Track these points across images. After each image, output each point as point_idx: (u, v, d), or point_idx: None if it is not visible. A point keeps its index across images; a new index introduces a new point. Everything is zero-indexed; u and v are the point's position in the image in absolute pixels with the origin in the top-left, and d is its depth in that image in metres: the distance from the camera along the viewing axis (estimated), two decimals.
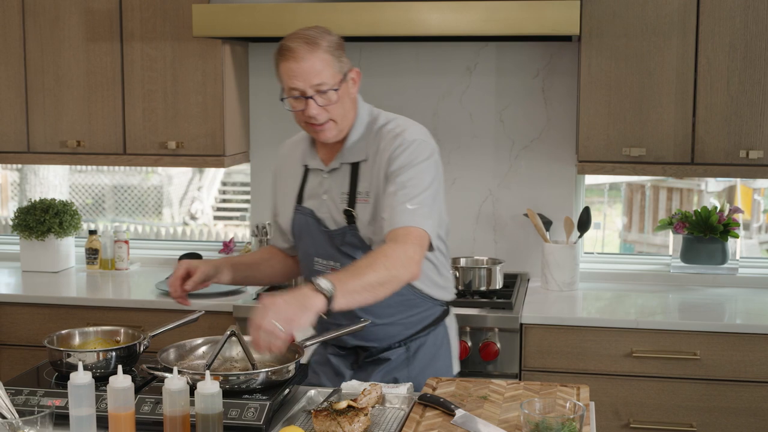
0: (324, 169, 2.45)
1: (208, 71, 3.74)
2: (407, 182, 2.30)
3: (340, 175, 2.42)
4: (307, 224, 2.46)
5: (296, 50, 2.27)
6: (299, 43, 2.28)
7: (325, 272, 2.39)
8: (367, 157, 2.39)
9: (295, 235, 2.53)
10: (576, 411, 1.92)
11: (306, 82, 2.28)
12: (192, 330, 2.99)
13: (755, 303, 3.56)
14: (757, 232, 6.51)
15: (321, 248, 2.44)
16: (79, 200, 7.51)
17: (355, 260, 2.27)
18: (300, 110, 2.33)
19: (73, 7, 3.81)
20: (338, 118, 2.34)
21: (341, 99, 2.33)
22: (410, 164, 2.32)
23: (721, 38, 3.40)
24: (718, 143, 3.45)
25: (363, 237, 2.37)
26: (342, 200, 2.40)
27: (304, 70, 2.27)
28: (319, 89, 2.28)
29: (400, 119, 2.44)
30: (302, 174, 2.52)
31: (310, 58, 2.27)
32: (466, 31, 3.29)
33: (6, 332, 3.68)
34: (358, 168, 2.39)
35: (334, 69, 2.30)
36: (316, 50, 2.27)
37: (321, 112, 2.31)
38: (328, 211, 2.43)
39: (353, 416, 1.92)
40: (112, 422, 1.89)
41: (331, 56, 2.30)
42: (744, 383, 3.24)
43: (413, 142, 2.35)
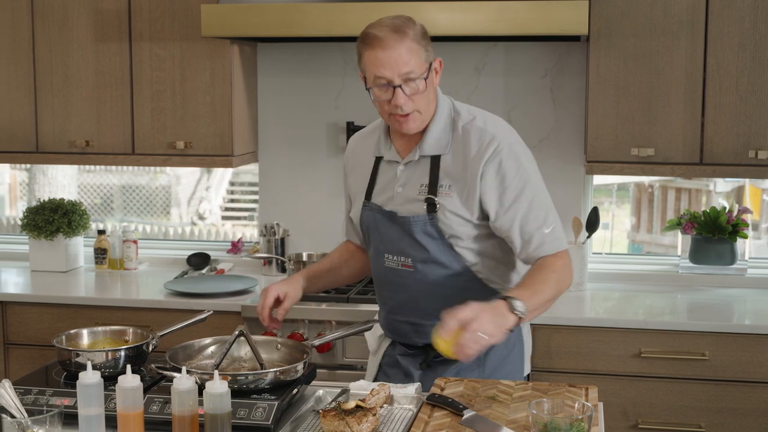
0: (400, 161, 2.38)
1: (217, 71, 3.75)
2: (533, 203, 2.30)
3: (417, 167, 2.36)
4: (375, 220, 2.41)
5: (384, 39, 2.22)
6: (387, 31, 2.22)
7: (396, 269, 2.37)
8: (449, 152, 2.33)
9: (363, 231, 2.49)
10: (584, 411, 1.91)
11: (394, 71, 2.21)
12: (200, 330, 2.99)
13: (764, 303, 3.55)
14: (766, 233, 6.48)
15: (391, 244, 2.38)
16: (88, 200, 7.52)
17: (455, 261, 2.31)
18: (386, 100, 2.26)
19: (81, 8, 3.82)
20: (423, 109, 2.29)
21: (427, 89, 2.28)
22: (527, 180, 2.31)
23: (730, 38, 3.39)
24: (727, 143, 3.44)
25: (441, 228, 2.30)
26: (421, 192, 2.33)
27: (392, 59, 2.21)
28: (408, 78, 2.22)
29: (482, 114, 2.39)
30: (372, 166, 2.45)
31: (398, 47, 2.21)
32: (475, 31, 3.29)
33: (15, 332, 3.69)
34: (438, 161, 2.33)
35: (421, 58, 2.24)
36: (404, 39, 2.22)
37: (408, 102, 2.25)
38: (402, 203, 2.36)
39: (361, 416, 1.92)
40: (121, 422, 1.89)
41: (418, 45, 2.24)
42: (753, 384, 3.23)
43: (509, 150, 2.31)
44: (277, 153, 4.09)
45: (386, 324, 2.50)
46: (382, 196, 2.41)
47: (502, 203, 2.29)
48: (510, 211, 2.29)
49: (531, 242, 2.30)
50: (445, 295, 2.31)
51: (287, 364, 2.23)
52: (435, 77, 2.32)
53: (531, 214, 2.30)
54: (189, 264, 4.12)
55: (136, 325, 2.54)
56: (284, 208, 4.12)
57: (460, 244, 2.32)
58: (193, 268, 4.09)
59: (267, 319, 2.44)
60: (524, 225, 2.30)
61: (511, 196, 2.29)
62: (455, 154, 2.33)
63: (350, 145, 2.61)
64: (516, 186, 2.30)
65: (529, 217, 2.30)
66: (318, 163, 4.06)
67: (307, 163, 4.08)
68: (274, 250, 3.98)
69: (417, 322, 2.37)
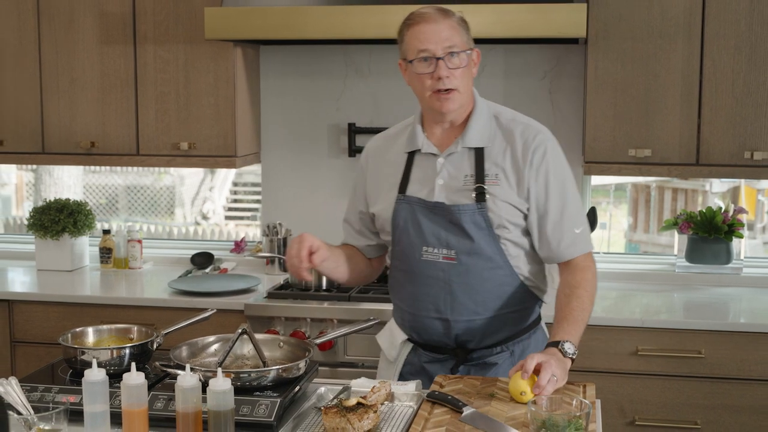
0: (439, 154, 2.36)
1: (220, 73, 3.75)
2: (570, 201, 2.33)
3: (460, 159, 2.34)
4: (414, 213, 2.36)
5: (429, 15, 2.27)
6: (432, 9, 2.29)
7: (436, 262, 2.33)
8: (494, 144, 2.34)
9: (396, 226, 2.40)
10: (582, 408, 1.91)
11: (438, 44, 2.25)
12: (204, 328, 2.99)
13: (759, 302, 3.55)
14: (761, 233, 6.48)
15: (432, 236, 2.33)
16: (93, 200, 7.52)
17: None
18: (428, 73, 2.27)
19: (87, 11, 3.82)
20: (462, 89, 2.30)
21: (467, 68, 2.30)
22: (567, 178, 2.35)
23: (726, 41, 3.39)
24: (723, 144, 3.44)
25: (490, 218, 2.28)
26: (466, 183, 2.31)
27: (436, 32, 2.26)
28: (450, 50, 2.25)
29: (521, 114, 2.42)
30: (405, 162, 2.42)
31: (442, 22, 2.27)
32: (475, 34, 3.26)
33: (21, 330, 3.69)
34: (482, 152, 2.33)
35: (463, 38, 2.29)
36: (447, 17, 2.29)
37: (450, 77, 2.26)
38: (445, 195, 2.32)
39: (362, 413, 1.92)
40: (126, 418, 1.89)
41: (460, 27, 2.30)
42: (748, 381, 3.23)
43: (553, 146, 2.34)
44: (280, 154, 4.09)
45: (412, 324, 2.43)
46: (419, 189, 2.37)
47: (547, 195, 2.31)
48: (549, 205, 2.31)
49: (562, 240, 2.33)
50: (484, 289, 2.32)
51: (289, 361, 2.23)
52: (473, 67, 2.35)
53: (566, 212, 2.32)
54: (193, 263, 4.12)
55: (140, 324, 2.54)
56: (286, 208, 4.12)
57: (506, 235, 2.31)
58: (197, 267, 4.09)
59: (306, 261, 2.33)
60: (558, 221, 2.32)
61: (553, 190, 2.31)
62: (500, 147, 2.34)
63: (371, 147, 2.56)
64: (558, 181, 2.33)
65: (564, 214, 2.32)
66: (320, 164, 4.06)
67: (309, 164, 4.07)
68: (276, 249, 3.98)
69: (452, 318, 2.33)
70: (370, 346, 3.36)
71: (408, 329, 2.46)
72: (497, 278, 2.33)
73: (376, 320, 2.62)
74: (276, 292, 3.56)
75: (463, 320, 2.34)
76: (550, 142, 2.34)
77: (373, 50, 3.94)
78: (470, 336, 2.36)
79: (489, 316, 2.34)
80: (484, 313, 2.34)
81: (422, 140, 2.39)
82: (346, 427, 1.90)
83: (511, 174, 2.31)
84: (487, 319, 2.35)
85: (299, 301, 3.47)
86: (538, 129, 2.36)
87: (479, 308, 2.33)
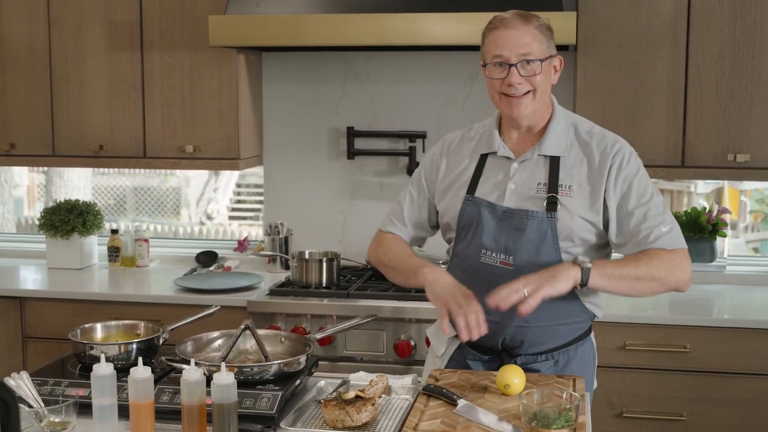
0: (514, 159, 2.28)
1: (224, 79, 3.74)
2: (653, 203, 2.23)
3: (534, 166, 2.26)
4: (480, 214, 2.27)
5: (509, 20, 2.19)
6: (514, 15, 2.20)
7: (492, 265, 2.23)
8: (570, 155, 2.25)
9: (460, 226, 2.31)
10: (572, 401, 1.91)
11: (512, 51, 2.17)
12: (208, 324, 2.99)
13: (742, 299, 3.55)
14: (743, 232, 6.48)
15: (493, 240, 2.25)
16: (102, 201, 7.52)
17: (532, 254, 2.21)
18: (499, 79, 2.20)
19: (96, 19, 3.82)
20: (537, 93, 2.21)
21: (544, 74, 2.20)
22: (648, 183, 2.26)
23: (711, 48, 3.39)
24: (708, 147, 3.44)
25: (558, 228, 2.20)
26: (539, 190, 2.23)
27: (513, 38, 2.17)
28: (525, 58, 2.17)
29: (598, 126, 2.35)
30: (477, 163, 2.33)
31: (521, 28, 2.18)
32: (468, 41, 3.29)
33: (33, 326, 3.69)
34: (558, 161, 2.25)
35: (542, 46, 2.19)
36: (528, 23, 2.19)
37: (522, 82, 2.18)
38: (517, 200, 2.25)
39: (361, 406, 1.92)
40: (133, 411, 1.89)
41: (540, 33, 2.20)
42: (731, 375, 3.23)
43: (632, 153, 2.27)
44: (281, 156, 4.09)
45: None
46: (489, 191, 2.29)
47: (629, 198, 2.22)
48: (630, 207, 2.22)
49: (649, 237, 2.21)
50: None
51: (290, 356, 2.23)
52: (554, 74, 2.27)
53: (650, 212, 2.22)
54: (198, 261, 4.12)
55: (147, 320, 2.53)
56: (288, 208, 4.12)
57: (570, 248, 2.22)
58: (202, 265, 4.09)
59: (483, 325, 2.13)
60: (642, 222, 2.22)
61: (634, 193, 2.23)
62: (576, 158, 2.26)
63: (449, 143, 2.45)
64: (640, 184, 2.24)
65: (649, 215, 2.22)
66: (320, 166, 4.06)
67: (310, 166, 4.07)
68: (278, 248, 3.98)
69: (502, 322, 2.23)
70: (368, 341, 3.37)
71: None
72: None
73: (374, 316, 2.62)
74: (278, 289, 3.56)
75: (514, 326, 2.25)
76: (628, 150, 2.27)
77: (371, 57, 3.94)
78: (518, 342, 2.28)
79: (540, 325, 2.25)
80: (534, 322, 2.24)
81: (498, 143, 2.31)
82: (345, 419, 1.90)
83: (586, 186, 2.23)
84: (537, 328, 2.26)
85: (300, 298, 3.47)
86: (616, 139, 2.29)
87: (530, 317, 2.19)
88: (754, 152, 3.42)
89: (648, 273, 2.18)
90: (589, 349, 2.39)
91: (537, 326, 2.26)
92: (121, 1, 3.79)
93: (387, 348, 3.35)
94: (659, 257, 2.19)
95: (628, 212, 2.23)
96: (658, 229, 2.21)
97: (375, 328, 3.34)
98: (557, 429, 1.82)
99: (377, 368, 3.29)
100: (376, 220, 3.98)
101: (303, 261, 3.61)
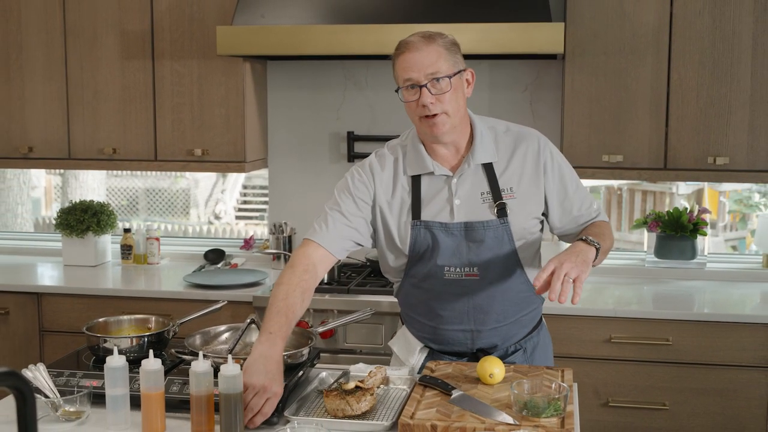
0: (451, 174, 2.22)
1: (231, 86, 3.74)
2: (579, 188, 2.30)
3: (471, 177, 2.22)
4: (433, 236, 2.19)
5: (413, 42, 2.15)
6: (416, 37, 2.16)
7: (459, 279, 2.20)
8: (499, 157, 2.23)
9: (415, 251, 2.22)
10: (561, 391, 1.91)
11: (420, 72, 2.11)
12: (216, 318, 2.99)
13: (721, 294, 3.55)
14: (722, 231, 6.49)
15: (454, 256, 2.19)
16: (115, 202, 7.52)
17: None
18: (413, 100, 2.14)
19: (109, 29, 3.81)
20: (451, 112, 2.15)
21: (455, 91, 2.15)
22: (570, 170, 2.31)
23: (691, 56, 3.39)
24: (689, 151, 3.44)
25: (512, 231, 2.19)
26: (483, 200, 2.20)
27: (418, 60, 2.12)
28: (433, 77, 2.11)
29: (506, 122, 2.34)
30: (410, 185, 2.24)
31: (425, 49, 2.12)
32: (463, 51, 3.27)
33: (49, 320, 3.68)
34: (492, 167, 2.22)
35: (448, 62, 2.14)
36: (431, 43, 2.13)
37: (434, 102, 2.12)
38: (464, 213, 2.19)
39: (360, 396, 1.91)
40: (144, 401, 1.88)
41: (446, 51, 2.15)
42: (711, 366, 3.22)
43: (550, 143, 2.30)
44: (285, 159, 4.09)
45: (433, 336, 2.28)
46: (436, 212, 2.21)
47: (566, 188, 2.27)
48: (568, 194, 2.27)
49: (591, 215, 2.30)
50: (506, 299, 2.23)
51: (293, 349, 2.22)
52: (466, 87, 2.22)
53: (578, 194, 2.29)
54: (206, 259, 4.11)
55: (158, 314, 2.53)
56: (291, 208, 4.11)
57: (522, 245, 2.22)
58: (210, 262, 4.09)
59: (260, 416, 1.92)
60: (580, 207, 2.29)
61: (568, 182, 2.28)
62: (507, 159, 2.24)
63: (373, 161, 2.30)
64: (568, 172, 2.29)
65: (582, 196, 2.30)
66: (322, 168, 4.06)
67: (312, 168, 4.07)
68: (282, 246, 3.97)
69: (477, 329, 2.24)
70: (367, 334, 3.36)
71: (427, 340, 2.33)
72: (516, 286, 2.24)
73: (373, 311, 2.62)
74: None
75: (487, 330, 2.25)
76: (548, 143, 2.28)
77: (371, 65, 3.93)
78: (493, 342, 2.28)
79: (510, 321, 2.26)
80: (505, 321, 2.25)
81: (431, 163, 2.22)
82: (346, 408, 1.89)
83: (524, 184, 2.22)
84: (508, 325, 2.27)
85: None
86: (534, 134, 2.29)
87: (501, 317, 2.23)
88: (733, 155, 3.41)
89: (610, 244, 2.26)
90: (546, 331, 2.43)
91: (507, 324, 2.27)
92: (134, 12, 3.78)
93: (385, 341, 3.34)
94: (605, 228, 2.29)
95: (568, 199, 2.28)
96: (591, 206, 2.32)
97: (374, 321, 3.34)
98: (546, 417, 1.82)
99: (376, 360, 3.29)
100: None
101: None
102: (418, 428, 1.80)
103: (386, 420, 1.90)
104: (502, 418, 1.82)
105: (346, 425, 1.88)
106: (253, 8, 3.48)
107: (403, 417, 1.83)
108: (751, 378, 3.21)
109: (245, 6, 3.49)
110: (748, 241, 6.07)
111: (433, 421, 1.81)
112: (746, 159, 3.41)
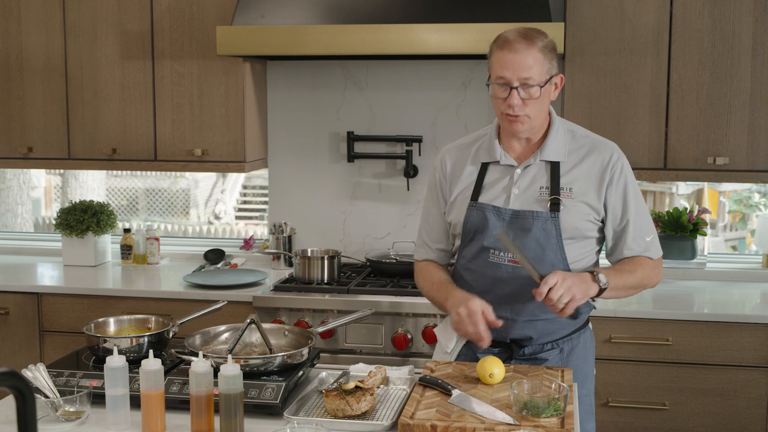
0: (517, 165, 2.29)
1: (231, 86, 3.74)
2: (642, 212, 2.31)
3: (535, 171, 2.28)
4: (485, 218, 2.27)
5: (514, 42, 2.17)
6: (517, 36, 2.17)
7: (502, 264, 2.25)
8: (567, 159, 2.28)
9: (466, 231, 2.31)
10: (561, 391, 1.91)
11: (515, 74, 2.16)
12: (216, 318, 2.99)
13: (721, 294, 3.55)
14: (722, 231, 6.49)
15: (499, 241, 2.24)
16: (115, 202, 7.52)
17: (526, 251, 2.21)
18: (501, 98, 2.20)
19: (109, 29, 3.81)
20: (533, 115, 2.22)
21: (542, 97, 2.21)
22: (638, 191, 2.33)
23: (691, 57, 3.39)
24: (688, 151, 3.44)
25: (561, 227, 2.23)
26: (542, 193, 2.25)
27: (516, 62, 2.16)
28: (526, 83, 2.17)
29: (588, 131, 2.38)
30: (478, 171, 2.33)
31: (524, 52, 2.16)
32: (462, 50, 3.28)
33: (49, 320, 3.68)
34: (558, 166, 2.27)
35: (543, 68, 2.18)
36: (531, 47, 2.16)
37: (520, 105, 2.19)
38: (520, 203, 2.26)
39: (360, 396, 1.91)
40: (144, 401, 1.88)
41: (543, 56, 2.18)
42: (711, 366, 3.22)
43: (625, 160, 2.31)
44: (285, 159, 4.09)
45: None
46: (494, 197, 2.29)
47: (625, 208, 2.29)
48: (626, 216, 2.29)
49: (639, 245, 2.32)
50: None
51: (294, 348, 2.23)
52: (553, 91, 2.26)
53: (639, 221, 2.30)
54: (206, 259, 4.11)
55: (157, 314, 2.54)
56: (291, 208, 4.11)
57: (572, 245, 2.26)
58: (210, 262, 4.09)
59: (487, 336, 2.17)
60: (634, 230, 2.30)
61: (630, 203, 2.29)
62: (576, 162, 2.28)
63: (444, 158, 2.43)
64: (633, 194, 2.31)
65: (637, 224, 2.30)
66: (322, 168, 4.06)
67: (312, 168, 4.07)
68: (282, 246, 3.97)
69: (512, 317, 2.27)
70: (367, 334, 3.36)
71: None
72: None
73: (373, 311, 2.62)
74: (281, 285, 3.55)
75: (522, 320, 2.27)
76: (623, 160, 2.31)
77: (370, 65, 3.93)
78: (527, 335, 2.30)
79: (548, 318, 2.27)
80: (541, 315, 2.27)
81: (500, 152, 2.31)
82: (346, 408, 1.90)
83: (587, 188, 2.26)
84: (544, 321, 2.28)
85: (303, 293, 3.46)
86: (613, 147, 2.32)
87: (538, 310, 2.25)
88: (733, 155, 3.41)
89: (639, 282, 2.31)
90: (590, 336, 2.42)
91: (545, 319, 2.28)
92: (134, 12, 3.78)
93: (385, 341, 3.34)
94: (644, 266, 2.32)
95: (623, 221, 2.30)
96: (645, 238, 2.32)
97: (374, 322, 3.34)
98: (546, 418, 1.82)
99: (376, 360, 3.29)
100: (376, 219, 4.00)
101: (305, 258, 3.60)
102: (417, 428, 1.80)
103: (386, 420, 1.90)
104: (501, 418, 1.82)
105: (346, 425, 1.88)
106: (252, 8, 3.49)
107: (403, 417, 1.83)
108: (751, 378, 3.21)
109: (245, 6, 3.49)
110: (748, 241, 6.07)
111: (433, 421, 1.81)
112: (746, 159, 3.41)
